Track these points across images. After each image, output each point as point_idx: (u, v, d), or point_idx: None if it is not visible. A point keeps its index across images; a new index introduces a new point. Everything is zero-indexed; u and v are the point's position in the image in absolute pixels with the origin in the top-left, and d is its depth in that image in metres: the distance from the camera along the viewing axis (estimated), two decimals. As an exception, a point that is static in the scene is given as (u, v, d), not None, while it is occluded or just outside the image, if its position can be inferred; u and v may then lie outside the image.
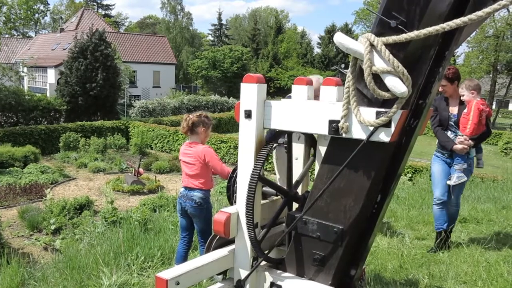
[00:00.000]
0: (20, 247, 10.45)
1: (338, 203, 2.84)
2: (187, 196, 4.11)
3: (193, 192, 4.07)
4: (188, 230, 4.31)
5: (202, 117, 4.23)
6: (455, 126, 5.20)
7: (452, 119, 5.24)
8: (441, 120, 5.29)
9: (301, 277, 3.09)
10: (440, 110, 5.32)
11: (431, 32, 2.29)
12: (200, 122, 4.19)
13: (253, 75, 3.07)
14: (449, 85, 5.21)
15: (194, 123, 4.20)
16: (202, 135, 4.20)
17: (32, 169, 17.89)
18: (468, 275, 4.43)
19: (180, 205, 4.21)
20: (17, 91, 27.95)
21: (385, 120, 2.48)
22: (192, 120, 4.20)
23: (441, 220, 5.36)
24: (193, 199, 4.07)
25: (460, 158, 5.14)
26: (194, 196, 4.06)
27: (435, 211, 5.42)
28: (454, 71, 5.28)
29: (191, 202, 4.08)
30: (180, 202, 4.19)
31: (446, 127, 5.28)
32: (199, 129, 4.18)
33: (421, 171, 15.14)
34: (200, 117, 4.22)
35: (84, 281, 4.17)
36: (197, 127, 4.19)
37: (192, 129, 4.20)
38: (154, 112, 34.48)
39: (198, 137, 4.18)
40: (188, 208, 4.11)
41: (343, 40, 2.54)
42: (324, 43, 69.56)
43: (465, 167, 5.15)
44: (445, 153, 5.31)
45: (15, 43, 51.84)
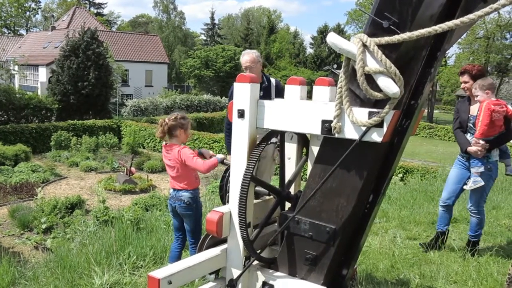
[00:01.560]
0: (11, 246, 10.37)
1: (331, 203, 2.85)
2: (176, 197, 4.09)
3: (181, 193, 4.05)
4: (181, 229, 4.31)
5: (178, 119, 4.10)
6: (474, 128, 4.97)
7: (471, 121, 5.06)
8: (461, 122, 5.15)
9: (293, 276, 3.10)
10: (461, 112, 5.18)
11: (423, 34, 2.31)
12: (177, 125, 4.08)
13: (246, 75, 3.08)
14: (471, 82, 5.00)
15: (171, 128, 4.08)
16: (182, 137, 4.11)
17: (23, 167, 17.77)
18: (458, 274, 4.46)
19: (170, 206, 4.21)
20: (8, 89, 27.70)
21: (377, 121, 2.50)
22: (169, 126, 4.08)
23: (441, 222, 5.33)
24: (182, 200, 4.06)
25: (477, 161, 4.91)
26: (183, 197, 4.05)
27: (439, 211, 5.40)
28: (480, 68, 5.10)
29: (180, 202, 4.07)
30: (170, 203, 4.19)
31: (466, 129, 5.11)
32: (177, 132, 4.09)
33: (412, 171, 15.22)
34: (176, 119, 4.09)
35: (75, 281, 4.15)
36: (175, 131, 4.09)
37: (170, 133, 4.11)
38: (147, 111, 34.37)
39: (177, 140, 4.10)
40: (178, 208, 4.10)
41: (336, 40, 2.55)
42: (317, 43, 69.69)
43: (482, 171, 4.89)
44: (464, 156, 5.12)
45: (5, 41, 51.45)
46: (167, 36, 69.35)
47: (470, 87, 5.05)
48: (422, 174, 14.23)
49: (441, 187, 8.30)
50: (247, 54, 5.09)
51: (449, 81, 54.76)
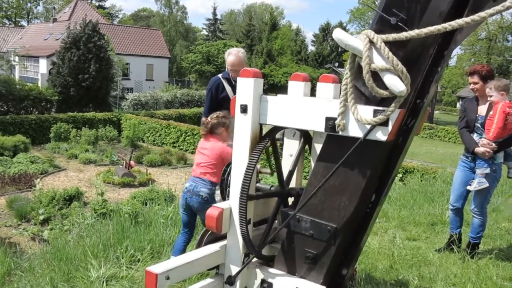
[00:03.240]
0: (8, 236, 10.34)
1: (333, 202, 2.82)
2: (193, 192, 4.04)
3: (200, 188, 4.01)
4: (189, 226, 4.27)
5: (220, 118, 4.17)
6: (482, 129, 4.93)
7: (479, 121, 4.99)
8: (468, 121, 5.08)
9: (292, 275, 3.07)
10: (468, 111, 5.11)
11: (432, 32, 2.27)
12: (219, 124, 4.14)
13: (250, 70, 3.03)
14: (481, 83, 4.95)
15: (213, 125, 4.15)
16: (224, 135, 4.16)
17: (22, 158, 17.74)
18: (457, 277, 4.43)
19: (185, 201, 4.13)
20: (8, 80, 27.63)
21: (382, 119, 2.46)
22: (211, 124, 4.15)
23: (453, 225, 5.30)
24: (199, 195, 4.01)
25: (483, 162, 4.86)
26: (201, 192, 4.00)
27: (450, 214, 5.36)
28: (489, 69, 5.04)
29: (198, 197, 4.02)
30: (186, 198, 4.12)
31: (473, 129, 5.05)
32: (219, 130, 4.15)
33: (412, 171, 15.20)
34: (218, 118, 4.16)
35: (71, 273, 4.11)
36: (217, 129, 4.15)
37: (212, 131, 4.17)
38: (147, 105, 34.31)
39: (220, 137, 4.16)
40: (194, 203, 4.05)
41: (342, 36, 2.51)
42: (319, 41, 69.65)
43: (488, 172, 4.84)
44: (469, 156, 5.06)
45: (6, 31, 51.23)
46: (168, 30, 69.24)
47: (479, 88, 4.99)
48: (421, 174, 14.21)
49: (441, 188, 8.30)
50: (234, 55, 5.09)
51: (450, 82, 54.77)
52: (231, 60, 5.06)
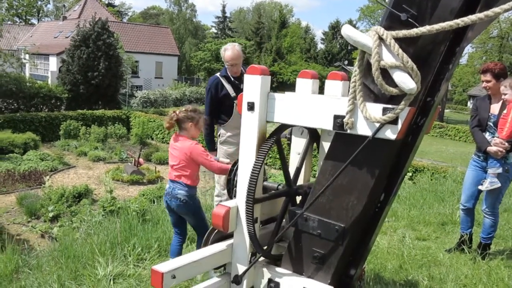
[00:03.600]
0: (17, 233, 10.40)
1: (341, 201, 2.77)
2: (172, 194, 3.91)
3: (177, 190, 3.88)
4: (179, 225, 4.18)
5: (189, 112, 3.92)
6: (494, 128, 4.85)
7: (492, 120, 4.90)
8: (480, 120, 4.99)
9: (299, 274, 3.04)
10: (480, 110, 5.02)
11: (444, 28, 2.22)
12: (186, 118, 3.90)
13: (257, 67, 3.00)
14: (494, 81, 4.86)
15: (180, 120, 3.91)
16: (192, 131, 3.93)
17: (32, 156, 17.85)
18: (468, 278, 4.36)
19: (166, 203, 4.07)
20: (19, 78, 27.85)
21: (392, 117, 2.42)
22: (177, 117, 3.91)
23: (464, 225, 5.23)
24: (177, 197, 3.89)
25: (495, 162, 4.76)
26: (179, 194, 3.88)
27: (460, 214, 5.30)
28: (502, 67, 4.94)
29: (176, 200, 3.90)
30: (166, 200, 4.04)
31: (485, 128, 4.96)
32: (186, 125, 3.91)
33: (421, 170, 15.08)
34: (187, 112, 3.92)
35: (79, 271, 4.11)
36: (184, 123, 3.91)
37: (179, 126, 3.94)
38: (156, 103, 34.43)
39: (187, 133, 3.93)
40: (174, 206, 3.95)
41: (351, 32, 2.46)
42: (328, 39, 69.44)
43: (500, 172, 4.74)
44: (481, 155, 4.98)
45: (17, 29, 51.59)
46: (177, 28, 69.36)
47: (492, 86, 4.91)
48: (431, 173, 14.09)
49: (452, 187, 8.22)
50: (230, 50, 5.06)
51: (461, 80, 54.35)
52: (229, 54, 5.04)
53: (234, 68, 5.08)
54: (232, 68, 5.09)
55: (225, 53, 5.08)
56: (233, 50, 5.06)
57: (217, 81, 5.18)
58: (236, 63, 5.05)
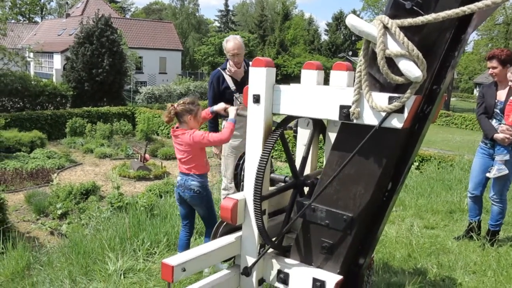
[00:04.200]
0: (27, 231, 10.50)
1: (348, 191, 2.78)
2: (184, 186, 3.92)
3: (190, 182, 3.89)
4: (188, 218, 4.18)
5: (187, 104, 3.87)
6: (501, 114, 4.84)
7: (498, 107, 4.88)
8: (487, 107, 4.98)
9: (309, 265, 3.05)
10: (487, 97, 5.00)
11: (450, 15, 2.20)
12: (184, 111, 3.86)
13: (262, 59, 3.00)
14: (500, 67, 4.83)
15: (178, 113, 3.88)
16: (191, 123, 3.89)
17: (39, 154, 17.96)
18: (477, 265, 4.37)
19: (178, 195, 4.06)
20: (24, 76, 27.96)
21: (398, 106, 2.41)
22: (175, 111, 3.87)
23: (472, 212, 5.23)
24: (191, 189, 3.90)
25: (503, 149, 4.76)
26: (192, 185, 3.89)
27: (468, 202, 5.31)
28: (509, 53, 4.90)
29: (190, 191, 3.92)
30: (178, 192, 4.05)
31: (491, 115, 4.95)
32: (185, 118, 3.87)
33: (428, 159, 15.04)
34: (185, 104, 3.87)
35: (89, 266, 4.14)
36: (183, 116, 3.88)
37: (178, 119, 3.91)
38: (160, 98, 34.46)
39: (186, 125, 3.90)
40: (187, 197, 3.96)
41: (355, 22, 2.45)
42: (332, 30, 69.10)
43: (507, 159, 4.74)
44: (488, 143, 4.97)
45: (21, 28, 51.73)
46: (180, 23, 69.27)
47: (498, 73, 4.88)
48: (438, 162, 14.06)
49: (459, 175, 8.20)
50: (232, 41, 5.06)
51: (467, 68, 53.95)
52: (231, 45, 5.04)
53: (236, 58, 5.08)
54: (233, 58, 5.09)
55: (226, 44, 5.10)
56: (235, 41, 5.08)
57: (218, 75, 5.19)
58: (237, 53, 5.05)
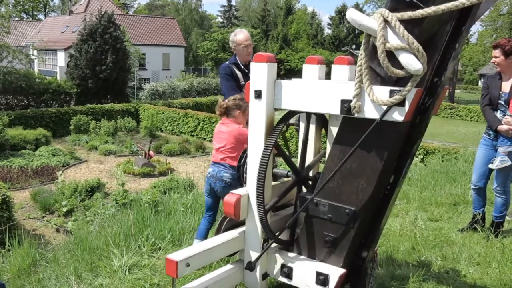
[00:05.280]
0: (33, 228, 10.56)
1: (350, 184, 2.79)
2: (216, 177, 4.04)
3: (223, 173, 4.01)
4: (213, 209, 4.31)
5: (237, 100, 4.10)
6: (505, 106, 4.81)
7: (503, 98, 4.86)
8: (491, 98, 4.94)
9: (312, 259, 3.07)
10: (491, 88, 4.97)
11: (450, 8, 2.21)
12: (235, 106, 4.07)
13: (263, 54, 3.00)
14: (503, 58, 4.79)
15: (228, 108, 4.09)
16: (239, 118, 4.08)
17: (44, 151, 18.03)
18: (481, 256, 4.37)
19: (209, 185, 4.15)
20: (28, 74, 27.99)
21: (398, 99, 2.42)
22: (226, 105, 4.10)
23: (476, 204, 5.23)
24: (223, 180, 4.01)
25: (506, 140, 4.74)
26: (224, 177, 4.00)
27: (472, 194, 5.31)
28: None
29: (221, 182, 4.02)
30: (209, 183, 4.13)
31: (496, 107, 4.91)
32: (234, 112, 4.08)
33: (433, 152, 15.01)
34: (235, 100, 4.10)
35: (95, 262, 4.17)
36: (232, 111, 4.08)
37: (228, 114, 4.11)
38: (164, 94, 34.46)
39: (235, 120, 4.09)
40: (218, 188, 4.06)
41: (356, 16, 2.46)
42: (335, 23, 68.83)
43: (511, 150, 4.71)
44: (491, 134, 4.95)
45: (24, 26, 51.82)
46: (183, 19, 69.23)
47: (500, 62, 4.84)
48: (443, 155, 14.02)
49: (463, 168, 8.18)
50: (241, 33, 5.01)
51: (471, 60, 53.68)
52: (243, 37, 4.96)
53: (249, 48, 4.95)
54: (247, 49, 4.96)
55: (236, 37, 4.99)
56: (244, 32, 5.03)
57: (229, 68, 5.09)
58: (250, 43, 4.99)
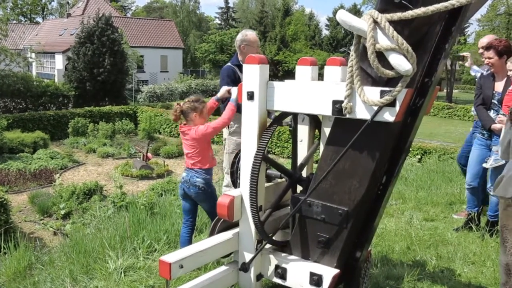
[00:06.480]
0: (30, 231, 10.56)
1: (343, 185, 2.80)
2: (190, 182, 3.96)
3: (195, 178, 3.93)
4: (191, 213, 4.20)
5: (191, 102, 3.92)
6: (498, 105, 4.83)
7: (496, 97, 4.89)
8: (484, 98, 4.97)
9: (306, 259, 3.07)
10: (484, 88, 5.00)
11: (439, 9, 2.22)
12: (190, 109, 3.90)
13: (255, 56, 3.02)
14: (496, 58, 4.83)
15: (184, 111, 3.93)
16: (197, 120, 3.92)
17: (42, 154, 18.01)
18: (476, 255, 4.39)
19: (182, 190, 4.09)
20: (26, 77, 28.02)
21: (389, 99, 2.43)
22: (181, 109, 3.93)
23: (471, 204, 5.25)
24: (196, 185, 3.92)
25: None
26: (197, 182, 3.91)
27: (466, 193, 5.33)
28: (506, 44, 4.88)
29: (195, 188, 3.95)
30: (183, 188, 4.08)
31: (489, 106, 4.94)
32: (191, 115, 3.91)
33: (430, 152, 15.03)
34: (190, 103, 3.92)
35: (90, 265, 4.17)
36: (188, 115, 3.92)
37: (185, 117, 3.96)
38: (162, 97, 34.50)
39: (192, 123, 3.94)
40: (192, 193, 3.99)
41: (345, 17, 2.47)
42: (333, 24, 68.79)
43: None
44: (485, 133, 4.99)
45: (22, 28, 51.81)
46: (181, 21, 69.20)
47: (494, 63, 4.88)
48: (439, 154, 14.04)
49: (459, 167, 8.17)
50: (253, 33, 4.95)
51: (469, 60, 53.56)
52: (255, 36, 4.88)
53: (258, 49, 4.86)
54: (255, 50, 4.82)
55: (247, 37, 4.86)
56: (254, 33, 4.94)
57: (232, 69, 5.02)
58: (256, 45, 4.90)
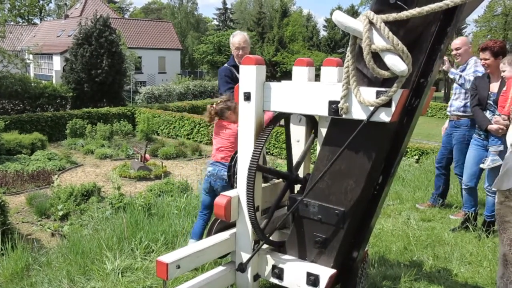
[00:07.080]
0: (28, 233, 10.54)
1: (339, 185, 2.81)
2: (217, 176, 4.04)
3: (223, 171, 3.99)
4: (210, 208, 4.27)
5: (224, 102, 4.06)
6: (494, 106, 4.85)
7: (491, 98, 4.90)
8: (480, 99, 4.99)
9: (303, 259, 3.08)
10: (480, 88, 5.02)
11: (434, 9, 2.24)
12: (224, 109, 4.02)
13: (252, 57, 3.03)
14: (492, 59, 4.87)
15: (219, 111, 4.04)
16: (232, 117, 4.01)
17: (40, 156, 17.98)
18: (473, 255, 4.40)
19: (208, 184, 4.13)
20: (23, 79, 27.98)
21: (385, 100, 2.44)
22: (215, 110, 4.05)
23: (468, 204, 5.27)
24: (223, 178, 4.00)
25: (497, 139, 4.76)
26: (225, 175, 3.96)
27: (463, 194, 5.34)
28: (501, 45, 4.92)
29: (222, 181, 4.01)
30: (209, 181, 4.13)
31: (485, 107, 4.95)
32: (226, 113, 4.03)
33: (428, 153, 15.05)
34: (223, 103, 4.05)
35: (88, 266, 4.17)
36: (224, 113, 4.03)
37: (219, 116, 4.07)
38: (160, 98, 34.45)
39: (230, 121, 4.05)
40: (218, 186, 4.04)
41: (341, 18, 2.48)
42: (330, 25, 68.82)
43: (502, 150, 4.71)
44: (482, 134, 5.00)
45: (20, 30, 51.75)
46: (179, 22, 69.15)
47: (490, 64, 4.92)
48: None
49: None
50: (239, 35, 4.96)
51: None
52: (237, 39, 4.89)
53: (241, 51, 4.88)
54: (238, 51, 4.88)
55: (233, 39, 4.95)
56: (241, 35, 4.94)
57: (229, 69, 5.03)
58: (244, 46, 4.88)
